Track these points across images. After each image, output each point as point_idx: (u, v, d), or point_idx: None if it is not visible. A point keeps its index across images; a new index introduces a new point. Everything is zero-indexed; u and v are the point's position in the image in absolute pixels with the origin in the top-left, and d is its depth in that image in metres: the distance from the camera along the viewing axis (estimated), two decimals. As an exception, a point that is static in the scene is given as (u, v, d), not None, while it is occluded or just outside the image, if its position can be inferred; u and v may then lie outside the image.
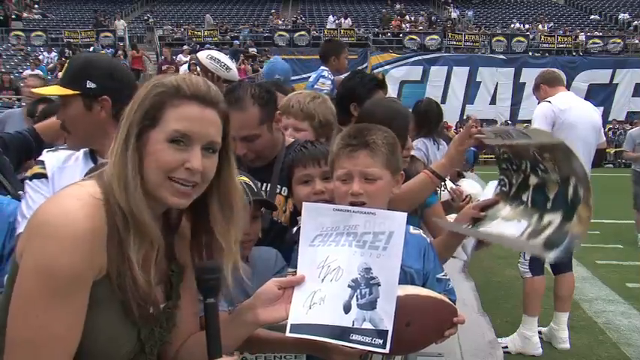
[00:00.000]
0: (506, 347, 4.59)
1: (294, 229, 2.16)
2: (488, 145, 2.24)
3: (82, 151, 2.16)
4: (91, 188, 1.32)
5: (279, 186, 2.44)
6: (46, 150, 2.24)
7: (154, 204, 1.36)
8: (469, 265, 5.53)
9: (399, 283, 1.82)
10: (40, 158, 2.18)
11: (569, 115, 4.57)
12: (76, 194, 1.30)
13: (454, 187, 3.65)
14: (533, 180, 2.05)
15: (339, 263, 1.58)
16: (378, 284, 1.54)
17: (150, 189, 1.34)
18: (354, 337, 1.51)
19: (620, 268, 7.11)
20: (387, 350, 1.48)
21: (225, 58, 4.16)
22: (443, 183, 3.13)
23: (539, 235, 1.93)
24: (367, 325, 1.50)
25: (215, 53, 4.22)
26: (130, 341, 1.37)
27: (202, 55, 4.16)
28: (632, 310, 5.60)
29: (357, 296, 1.53)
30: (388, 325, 1.50)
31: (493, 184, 2.30)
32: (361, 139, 1.91)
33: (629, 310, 5.59)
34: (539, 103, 4.85)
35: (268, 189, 2.43)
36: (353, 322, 1.51)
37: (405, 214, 1.63)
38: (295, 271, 1.87)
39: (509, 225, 2.04)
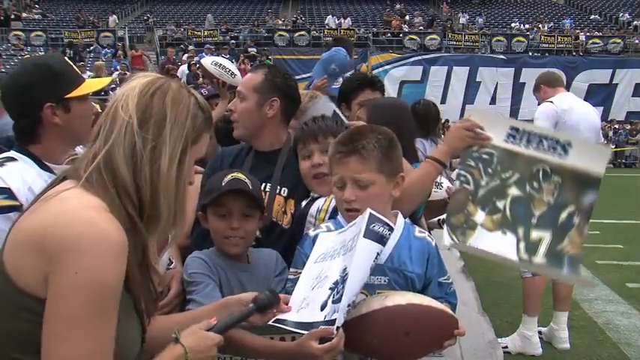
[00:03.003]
0: (506, 347, 4.59)
1: (304, 202, 2.32)
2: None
3: (12, 156, 1.99)
4: (88, 198, 1.27)
5: (279, 187, 2.44)
6: None
7: None
8: (469, 265, 5.54)
9: (400, 289, 1.87)
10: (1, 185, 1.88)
11: (570, 115, 4.62)
12: (89, 205, 1.25)
13: (450, 185, 3.66)
14: (513, 191, 2.01)
15: (327, 273, 1.70)
16: (347, 278, 1.62)
17: None
18: (321, 327, 1.59)
19: (620, 268, 7.10)
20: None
21: (229, 64, 4.16)
22: (439, 182, 3.15)
23: (536, 251, 1.93)
24: (335, 316, 1.57)
25: (220, 59, 4.22)
26: (139, 338, 1.39)
27: (207, 62, 4.15)
28: (632, 310, 5.59)
29: (333, 295, 1.62)
30: (340, 312, 1.56)
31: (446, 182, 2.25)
32: (351, 145, 1.91)
33: (629, 310, 5.58)
34: (539, 104, 4.88)
35: (268, 189, 2.44)
36: (325, 316, 1.59)
37: (365, 216, 1.67)
38: (296, 271, 1.91)
39: (495, 237, 1.98)
